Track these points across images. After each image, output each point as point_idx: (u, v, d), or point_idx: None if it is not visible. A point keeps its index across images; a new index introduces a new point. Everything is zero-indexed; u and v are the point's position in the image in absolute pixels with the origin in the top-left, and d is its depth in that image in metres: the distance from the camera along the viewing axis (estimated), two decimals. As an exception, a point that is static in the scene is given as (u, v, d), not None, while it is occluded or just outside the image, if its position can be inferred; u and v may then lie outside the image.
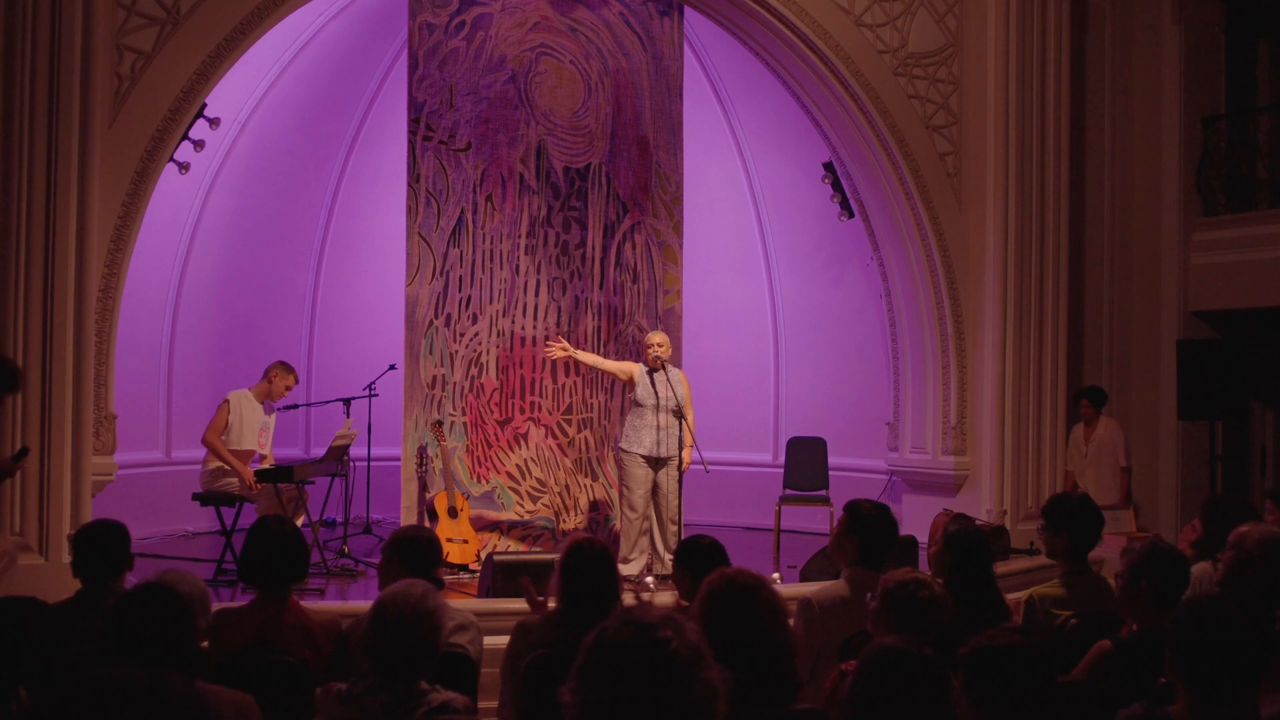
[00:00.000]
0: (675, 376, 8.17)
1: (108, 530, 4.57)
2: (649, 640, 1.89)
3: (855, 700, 2.90)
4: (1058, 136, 9.71)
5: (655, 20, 9.19)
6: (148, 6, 7.55)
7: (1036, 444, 9.59)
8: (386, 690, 3.30)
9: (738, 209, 11.43)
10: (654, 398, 8.07)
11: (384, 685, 3.31)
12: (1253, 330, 10.36)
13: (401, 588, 3.42)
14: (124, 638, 2.96)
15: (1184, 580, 4.22)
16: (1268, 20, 10.77)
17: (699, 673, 1.89)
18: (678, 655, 1.88)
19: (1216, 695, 2.92)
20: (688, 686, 1.87)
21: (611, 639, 1.91)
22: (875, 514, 4.88)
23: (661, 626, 1.91)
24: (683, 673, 1.87)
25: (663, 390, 8.07)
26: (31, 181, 7.05)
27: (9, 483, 6.89)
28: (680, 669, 1.88)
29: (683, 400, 8.13)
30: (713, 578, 3.30)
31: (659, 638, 1.89)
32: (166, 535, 9.61)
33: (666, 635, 1.89)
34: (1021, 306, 9.56)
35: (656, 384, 8.09)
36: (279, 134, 10.53)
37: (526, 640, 4.26)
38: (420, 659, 3.34)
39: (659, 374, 8.12)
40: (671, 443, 8.08)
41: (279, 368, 8.59)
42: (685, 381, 8.30)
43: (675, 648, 1.88)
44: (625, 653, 1.89)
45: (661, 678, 1.87)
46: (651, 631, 1.90)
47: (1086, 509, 5.09)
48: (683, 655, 1.89)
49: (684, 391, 8.19)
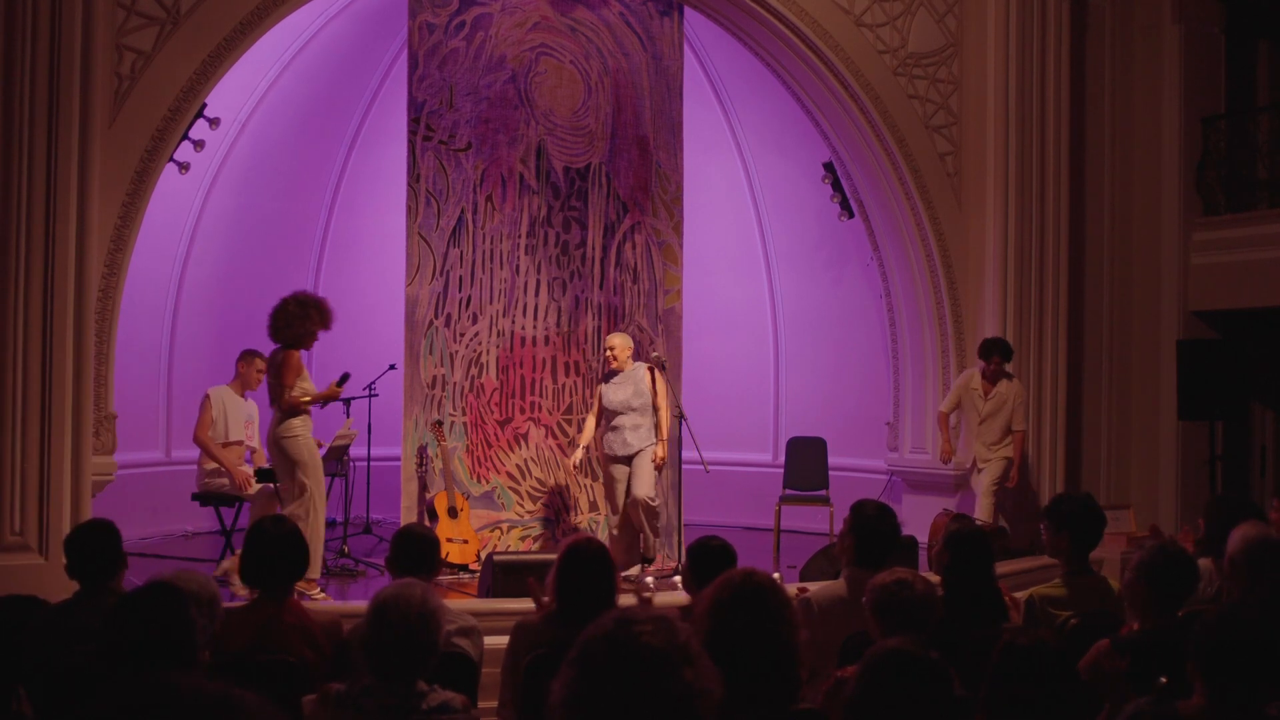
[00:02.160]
0: (638, 374, 8.18)
1: (97, 531, 4.58)
2: (625, 637, 1.89)
3: (858, 703, 2.89)
4: (1058, 136, 9.71)
5: (655, 20, 9.19)
6: (148, 6, 7.55)
7: (1036, 444, 9.59)
8: (385, 691, 3.29)
9: (738, 209, 11.43)
10: (613, 402, 8.13)
11: (382, 686, 3.30)
12: (1253, 330, 10.36)
13: (400, 588, 3.41)
14: (124, 638, 2.96)
15: (1191, 582, 4.22)
16: (1268, 20, 10.78)
17: (680, 670, 1.88)
18: (656, 652, 1.88)
19: (1238, 695, 2.99)
20: (666, 683, 1.87)
21: (591, 636, 1.91)
22: (874, 514, 4.89)
23: (643, 624, 1.91)
24: (661, 670, 1.87)
25: (619, 394, 8.11)
26: (31, 181, 7.05)
27: (9, 482, 6.90)
28: (657, 666, 1.87)
29: (646, 395, 8.14)
30: (725, 577, 3.30)
31: (634, 634, 1.89)
32: (166, 535, 9.62)
33: (643, 631, 1.89)
34: (1021, 306, 9.56)
35: (616, 388, 8.12)
36: (279, 134, 10.53)
37: (526, 640, 4.27)
38: (419, 660, 3.34)
39: (617, 377, 8.14)
40: (636, 438, 8.11)
41: (243, 358, 8.65)
42: (653, 376, 8.25)
43: (654, 644, 1.88)
44: (602, 649, 1.89)
45: (639, 674, 1.87)
46: (629, 628, 1.90)
47: (1088, 509, 5.09)
48: (662, 652, 1.88)
49: (648, 387, 8.18)
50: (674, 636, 1.91)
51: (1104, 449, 10.24)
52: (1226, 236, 10.16)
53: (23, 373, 7.00)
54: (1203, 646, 3.05)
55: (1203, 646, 3.05)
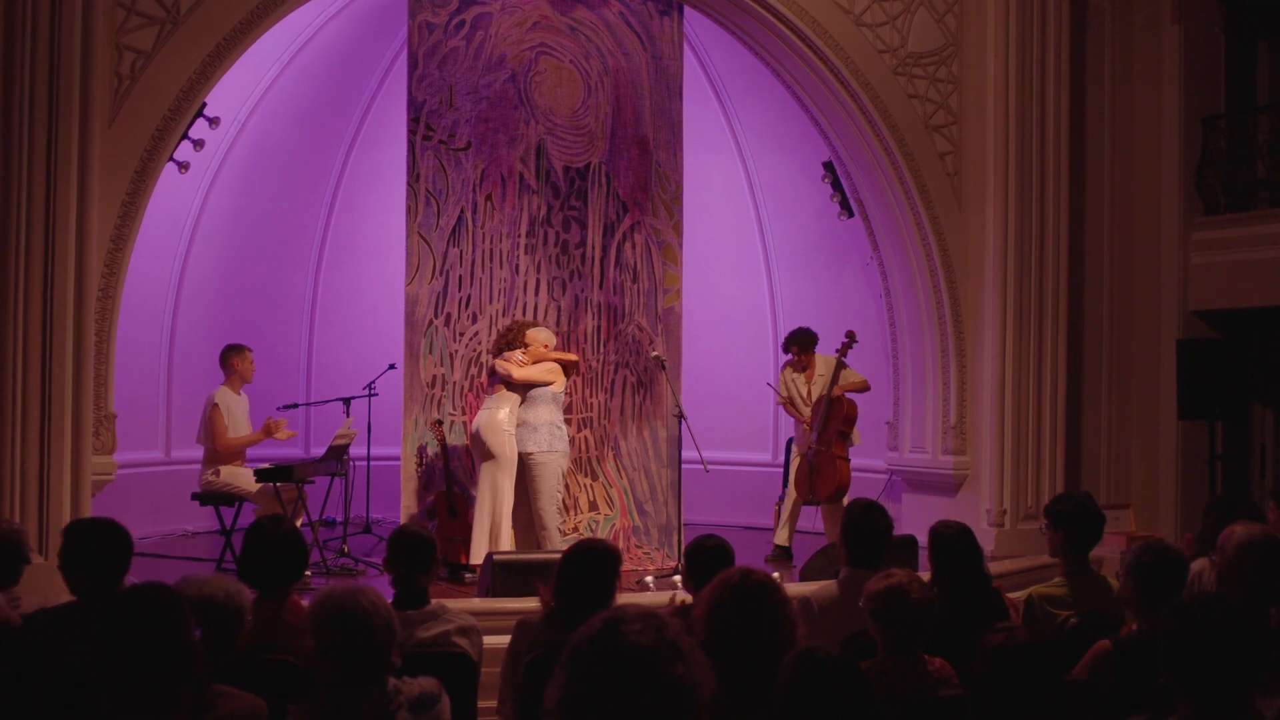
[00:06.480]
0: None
1: (101, 533, 4.34)
2: (615, 637, 1.89)
3: (782, 707, 2.95)
4: (1058, 136, 9.70)
5: (655, 20, 9.19)
6: (148, 6, 7.55)
7: (1036, 444, 9.59)
8: (360, 698, 3.27)
9: (738, 209, 11.43)
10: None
11: (356, 693, 3.28)
12: (1253, 330, 10.35)
13: (342, 597, 3.33)
14: (119, 642, 2.94)
15: (1182, 580, 4.22)
16: (1268, 20, 10.77)
17: (671, 666, 1.88)
18: (645, 650, 1.88)
19: (1211, 696, 2.84)
20: (657, 681, 1.87)
21: (581, 638, 1.92)
22: (862, 514, 4.90)
23: (632, 623, 1.91)
24: (651, 667, 1.87)
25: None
26: (31, 181, 7.05)
27: (8, 482, 6.91)
28: (648, 664, 1.87)
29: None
30: (723, 577, 3.30)
31: (623, 633, 1.89)
32: (166, 535, 9.62)
33: (632, 630, 1.89)
34: (1021, 306, 9.56)
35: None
36: (279, 134, 10.53)
37: (527, 639, 4.27)
38: (388, 657, 3.31)
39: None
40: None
41: (234, 352, 8.75)
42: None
43: (644, 642, 1.88)
44: (592, 651, 1.89)
45: (629, 674, 1.87)
46: (618, 628, 1.90)
47: (1085, 508, 5.10)
48: (651, 650, 1.88)
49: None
50: (663, 633, 1.91)
51: (1104, 449, 10.23)
52: (1226, 236, 10.14)
53: (22, 372, 7.01)
54: (1169, 647, 2.89)
55: (1169, 647, 2.89)
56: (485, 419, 8.14)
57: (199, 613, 3.18)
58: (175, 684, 2.95)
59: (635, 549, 8.87)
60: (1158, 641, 2.94)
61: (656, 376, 8.91)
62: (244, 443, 8.60)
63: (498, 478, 8.08)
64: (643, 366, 8.98)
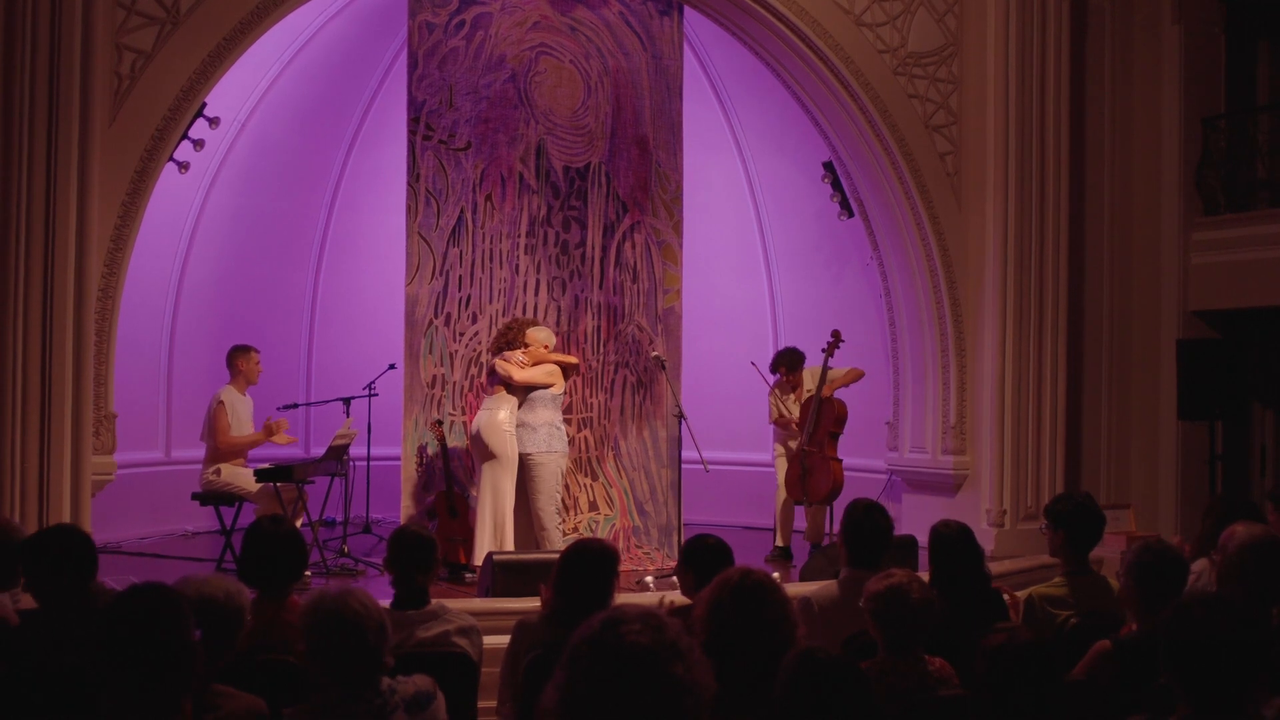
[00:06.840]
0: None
1: (65, 537, 4.28)
2: (613, 637, 1.89)
3: (782, 707, 2.95)
4: (1058, 136, 9.70)
5: (655, 20, 9.19)
6: (148, 6, 7.55)
7: (1036, 444, 9.59)
8: (355, 698, 3.27)
9: (738, 209, 11.43)
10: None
11: (351, 694, 3.27)
12: (1253, 330, 10.36)
13: (330, 599, 3.33)
14: (119, 642, 2.94)
15: (1182, 580, 4.22)
16: (1268, 20, 10.77)
17: (670, 667, 1.88)
18: (644, 650, 1.88)
19: (1211, 696, 2.83)
20: (656, 681, 1.87)
21: (580, 639, 1.92)
22: (861, 515, 4.90)
23: (630, 623, 1.91)
24: (650, 667, 1.87)
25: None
26: (31, 181, 7.05)
27: (8, 481, 6.92)
28: (647, 664, 1.87)
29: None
30: (722, 577, 3.30)
31: (622, 634, 1.89)
32: (166, 535, 9.62)
33: (631, 630, 1.89)
34: (1021, 306, 9.56)
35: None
36: (279, 134, 10.53)
37: (527, 639, 4.27)
38: (381, 658, 3.31)
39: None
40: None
41: (240, 353, 8.78)
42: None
43: (642, 643, 1.88)
44: (591, 651, 1.89)
45: (628, 674, 1.86)
46: (616, 628, 1.90)
47: (1085, 508, 5.10)
48: (650, 650, 1.88)
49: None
50: (662, 633, 1.91)
51: (1104, 449, 10.24)
52: (1226, 236, 10.15)
53: (22, 372, 7.01)
54: (1169, 648, 2.88)
55: (1169, 648, 2.88)
56: (485, 419, 8.14)
57: (199, 613, 3.18)
58: (175, 684, 2.95)
59: (635, 549, 8.87)
60: (1158, 641, 2.94)
61: (656, 376, 8.91)
62: (245, 442, 8.61)
63: (499, 478, 8.08)
64: (643, 366, 8.98)
